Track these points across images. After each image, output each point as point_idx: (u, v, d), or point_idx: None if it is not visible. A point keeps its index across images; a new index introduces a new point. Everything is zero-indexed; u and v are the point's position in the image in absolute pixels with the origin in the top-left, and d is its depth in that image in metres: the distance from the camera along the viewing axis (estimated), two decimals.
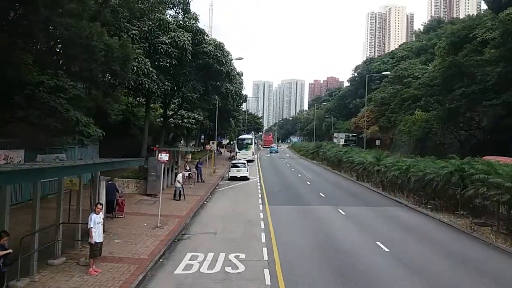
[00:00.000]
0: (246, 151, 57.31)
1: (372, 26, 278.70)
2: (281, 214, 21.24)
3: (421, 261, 13.48)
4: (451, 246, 15.82)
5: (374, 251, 14.58)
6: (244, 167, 36.30)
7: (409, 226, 19.31)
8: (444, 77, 41.21)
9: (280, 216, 20.68)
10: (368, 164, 34.86)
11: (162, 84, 25.30)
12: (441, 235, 17.71)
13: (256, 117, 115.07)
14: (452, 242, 16.39)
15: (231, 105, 46.19)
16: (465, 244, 16.26)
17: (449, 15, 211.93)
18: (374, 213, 22.31)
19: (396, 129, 71.61)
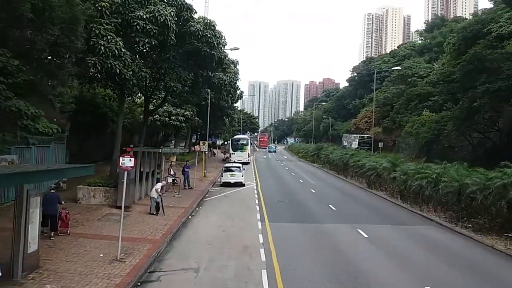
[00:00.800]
0: (241, 153, 52.35)
1: (369, 28, 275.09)
2: (286, 237, 16.23)
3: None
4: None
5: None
6: (239, 171, 31.29)
7: (458, 257, 14.34)
8: (464, 72, 36.39)
9: (284, 240, 15.67)
10: (382, 170, 29.97)
11: (139, 71, 20.20)
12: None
13: (252, 116, 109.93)
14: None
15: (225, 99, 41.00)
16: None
17: (446, 16, 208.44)
18: (405, 235, 17.36)
19: (401, 130, 66.89)
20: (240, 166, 32.03)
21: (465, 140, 46.58)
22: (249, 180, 35.10)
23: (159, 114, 37.31)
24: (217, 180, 34.52)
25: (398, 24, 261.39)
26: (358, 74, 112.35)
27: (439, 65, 66.23)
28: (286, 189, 30.80)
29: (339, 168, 42.75)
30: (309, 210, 22.36)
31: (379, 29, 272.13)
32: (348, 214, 21.38)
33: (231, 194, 27.93)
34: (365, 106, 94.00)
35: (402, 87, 73.52)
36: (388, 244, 15.65)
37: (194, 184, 29.55)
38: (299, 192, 29.14)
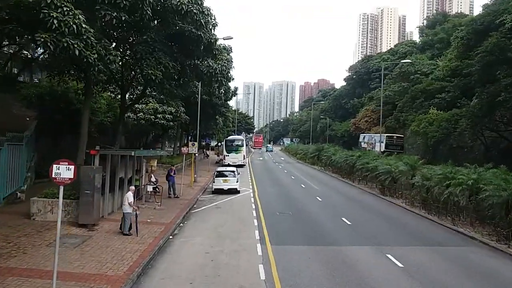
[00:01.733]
0: (236, 154, 48.05)
1: (364, 28, 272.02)
2: (296, 269, 11.93)
3: None
4: None
5: None
6: (233, 176, 27.00)
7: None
8: (482, 64, 32.34)
9: (295, 274, 11.39)
10: (398, 174, 25.84)
11: (107, 54, 15.86)
12: None
13: (247, 116, 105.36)
14: None
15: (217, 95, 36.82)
16: None
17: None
18: (450, 263, 13.13)
19: (405, 130, 62.91)
20: (234, 170, 27.74)
21: (477, 139, 42.65)
22: (245, 186, 30.85)
23: (143, 112, 32.96)
24: (208, 185, 30.23)
25: (394, 24, 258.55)
26: (356, 72, 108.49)
27: (446, 60, 62.37)
28: (287, 197, 26.56)
29: (344, 171, 38.58)
30: (318, 225, 18.11)
31: (374, 29, 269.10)
32: (368, 230, 17.15)
33: (224, 203, 23.62)
34: (364, 105, 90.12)
35: (404, 85, 69.58)
36: (434, 278, 11.43)
37: (181, 192, 25.20)
38: (302, 201, 24.88)
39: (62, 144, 27.22)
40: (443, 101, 54.41)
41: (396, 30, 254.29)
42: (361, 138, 72.53)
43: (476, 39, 50.39)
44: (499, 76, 30.72)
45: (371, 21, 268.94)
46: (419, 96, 59.13)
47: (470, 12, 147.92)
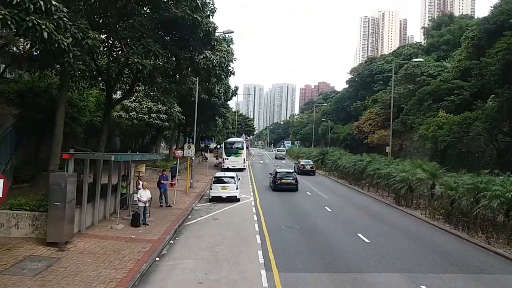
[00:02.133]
0: (236, 158, 45.33)
1: (365, 31, 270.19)
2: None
3: None
4: None
5: None
6: (233, 183, 24.31)
7: None
8: (504, 62, 29.74)
9: None
10: (416, 183, 23.16)
11: (84, 37, 13.21)
12: None
13: (247, 118, 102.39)
14: None
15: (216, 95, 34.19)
16: None
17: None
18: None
19: (411, 133, 60.27)
20: (234, 175, 25.03)
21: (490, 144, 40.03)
22: (246, 192, 28.16)
23: (136, 111, 30.29)
24: (206, 192, 27.56)
25: (395, 28, 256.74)
26: (359, 75, 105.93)
27: (454, 62, 59.86)
28: (292, 206, 23.85)
29: (351, 177, 35.87)
30: (333, 243, 15.40)
31: (375, 32, 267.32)
32: (391, 251, 14.44)
33: (222, 214, 20.92)
34: (367, 108, 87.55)
35: (410, 87, 67.00)
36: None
37: (175, 200, 22.51)
38: (310, 211, 22.16)
39: (43, 147, 24.63)
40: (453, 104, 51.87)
41: (397, 34, 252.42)
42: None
43: (488, 39, 47.91)
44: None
45: (372, 24, 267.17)
46: (427, 99, 56.52)
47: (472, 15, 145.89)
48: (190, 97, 32.42)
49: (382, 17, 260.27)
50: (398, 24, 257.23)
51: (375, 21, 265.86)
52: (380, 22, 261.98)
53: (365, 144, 77.96)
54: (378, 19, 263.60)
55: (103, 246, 13.43)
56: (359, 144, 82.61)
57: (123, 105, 30.89)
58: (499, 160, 42.03)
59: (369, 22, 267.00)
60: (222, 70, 18.17)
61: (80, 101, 25.87)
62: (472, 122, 40.69)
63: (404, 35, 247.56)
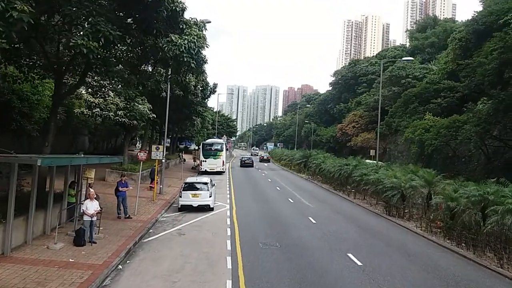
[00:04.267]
0: (215, 160, 42.28)
1: (349, 34, 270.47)
2: None
3: None
4: None
5: None
6: (206, 190, 21.28)
7: None
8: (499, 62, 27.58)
9: None
10: (410, 191, 20.60)
11: (7, 7, 10.10)
12: None
13: (229, 119, 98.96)
14: None
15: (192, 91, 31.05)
16: None
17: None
18: None
19: (396, 136, 58.27)
20: (207, 181, 21.98)
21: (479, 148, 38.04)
22: (222, 200, 25.20)
23: (100, 108, 27.00)
24: (177, 198, 24.43)
25: (378, 32, 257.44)
26: (343, 77, 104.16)
27: (441, 64, 58.22)
28: (272, 217, 20.96)
29: (336, 182, 33.24)
30: (320, 268, 12.54)
31: (358, 36, 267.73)
32: (390, 279, 11.67)
33: (191, 227, 17.90)
34: (351, 111, 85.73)
35: (395, 89, 65.17)
36: None
37: (136, 210, 19.37)
38: (292, 223, 19.32)
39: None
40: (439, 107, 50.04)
41: (380, 38, 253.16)
42: None
43: (476, 40, 46.16)
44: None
45: (356, 28, 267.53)
46: (413, 101, 54.69)
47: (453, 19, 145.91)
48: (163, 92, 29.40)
49: (365, 21, 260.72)
50: (381, 28, 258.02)
51: (358, 25, 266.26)
52: (363, 26, 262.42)
53: (348, 146, 75.93)
54: (362, 23, 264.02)
55: (26, 276, 10.30)
56: (343, 146, 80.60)
57: (86, 101, 27.64)
58: (488, 165, 40.15)
59: (353, 26, 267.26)
60: (191, 57, 15.16)
61: (32, 95, 22.59)
62: (461, 125, 38.68)
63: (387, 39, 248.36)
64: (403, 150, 58.26)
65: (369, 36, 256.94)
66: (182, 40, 14.95)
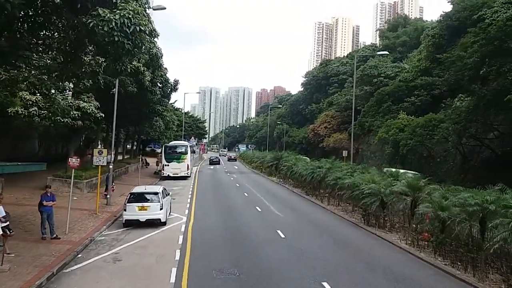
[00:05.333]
0: (178, 164, 38.70)
1: (319, 36, 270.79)
2: None
3: None
4: None
5: None
6: (156, 201, 17.83)
7: None
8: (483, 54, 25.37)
9: None
10: (391, 198, 17.89)
11: None
12: None
13: (198, 120, 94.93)
14: None
15: (149, 89, 27.46)
16: None
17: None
18: None
19: (369, 137, 56.30)
20: (158, 191, 18.53)
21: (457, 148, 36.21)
22: (179, 210, 21.86)
23: (39, 106, 23.04)
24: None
25: (348, 34, 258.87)
26: (314, 77, 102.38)
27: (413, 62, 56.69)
28: (235, 230, 17.80)
29: (308, 186, 30.43)
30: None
31: (329, 38, 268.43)
32: None
33: (132, 249, 14.48)
34: (322, 111, 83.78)
35: (366, 89, 63.35)
36: None
37: (67, 228, 15.74)
38: (258, 240, 16.16)
39: None
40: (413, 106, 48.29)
41: (350, 40, 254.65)
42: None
43: (450, 36, 44.53)
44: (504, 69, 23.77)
45: (326, 30, 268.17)
46: (386, 100, 52.75)
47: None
48: (113, 88, 25.82)
49: (335, 23, 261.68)
50: (351, 30, 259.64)
51: (329, 27, 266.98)
52: (333, 28, 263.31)
53: (320, 147, 73.80)
54: (332, 25, 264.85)
55: None
56: (315, 147, 78.49)
57: (21, 99, 23.64)
58: (464, 165, 38.40)
59: (323, 28, 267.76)
60: (125, 37, 11.85)
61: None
62: (438, 124, 36.75)
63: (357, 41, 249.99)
64: (376, 151, 56.36)
65: (340, 38, 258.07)
66: (113, 15, 11.60)
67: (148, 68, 27.50)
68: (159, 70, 30.05)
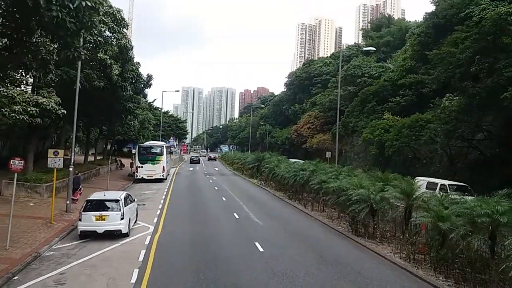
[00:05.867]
0: (153, 166, 36.20)
1: (303, 38, 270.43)
2: None
3: None
4: None
5: None
6: (117, 210, 15.42)
7: None
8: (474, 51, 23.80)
9: None
10: (382, 204, 15.99)
11: None
12: None
13: (178, 120, 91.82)
14: None
15: (118, 83, 24.83)
16: None
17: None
18: None
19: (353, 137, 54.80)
20: (119, 198, 16.09)
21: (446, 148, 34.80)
22: (148, 218, 19.56)
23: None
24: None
25: (331, 35, 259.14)
26: (297, 77, 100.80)
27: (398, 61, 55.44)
28: (208, 243, 15.59)
29: (291, 189, 28.43)
30: None
31: (312, 39, 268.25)
32: None
33: (81, 269, 12.09)
34: (306, 111, 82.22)
35: (350, 89, 61.90)
36: None
37: (8, 242, 13.29)
38: (232, 254, 13.99)
39: None
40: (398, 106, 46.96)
41: (333, 41, 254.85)
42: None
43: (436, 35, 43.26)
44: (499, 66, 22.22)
45: (309, 31, 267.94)
46: (370, 99, 51.31)
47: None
48: (83, 83, 23.33)
49: (318, 25, 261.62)
50: (334, 32, 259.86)
51: (312, 28, 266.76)
52: (317, 30, 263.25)
53: (304, 148, 72.16)
54: (315, 26, 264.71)
55: None
56: (298, 148, 76.84)
57: None
58: (451, 167, 37.06)
59: (306, 29, 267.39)
60: (67, 13, 9.59)
61: None
62: (425, 124, 35.31)
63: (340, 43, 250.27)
64: (360, 152, 54.91)
65: (323, 40, 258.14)
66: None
67: (116, 61, 25.03)
68: (130, 64, 27.55)
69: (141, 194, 28.57)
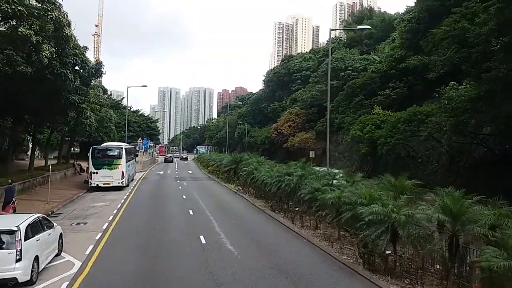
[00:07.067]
0: (110, 171, 30.22)
1: (280, 36, 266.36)
2: None
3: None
4: None
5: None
6: (11, 248, 9.79)
7: None
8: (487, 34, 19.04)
9: None
10: (413, 229, 10.81)
11: None
12: None
13: (149, 119, 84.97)
14: None
15: (47, 64, 18.77)
16: None
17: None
18: None
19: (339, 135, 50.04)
20: (17, 229, 10.22)
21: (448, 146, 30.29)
22: (81, 245, 13.95)
23: None
24: None
25: (308, 34, 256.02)
26: (276, 74, 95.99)
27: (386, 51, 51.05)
28: (156, 285, 10.12)
29: (274, 198, 23.06)
30: None
31: (289, 38, 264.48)
32: None
33: None
34: (286, 109, 77.39)
35: (333, 83, 57.22)
36: None
37: None
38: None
39: None
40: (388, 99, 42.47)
41: (311, 40, 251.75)
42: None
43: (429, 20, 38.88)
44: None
45: (286, 30, 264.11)
46: (357, 93, 46.66)
47: None
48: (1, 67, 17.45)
49: (295, 23, 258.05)
50: (311, 30, 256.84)
51: (289, 27, 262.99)
52: (294, 28, 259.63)
53: (285, 148, 67.19)
54: (292, 25, 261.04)
55: None
56: (278, 148, 71.90)
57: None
58: (451, 166, 32.61)
59: (283, 28, 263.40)
60: None
61: None
62: (424, 118, 30.72)
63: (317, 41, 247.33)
64: (345, 151, 50.28)
65: (300, 38, 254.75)
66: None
67: (49, 41, 19.15)
68: (70, 47, 21.59)
69: (89, 208, 22.77)
